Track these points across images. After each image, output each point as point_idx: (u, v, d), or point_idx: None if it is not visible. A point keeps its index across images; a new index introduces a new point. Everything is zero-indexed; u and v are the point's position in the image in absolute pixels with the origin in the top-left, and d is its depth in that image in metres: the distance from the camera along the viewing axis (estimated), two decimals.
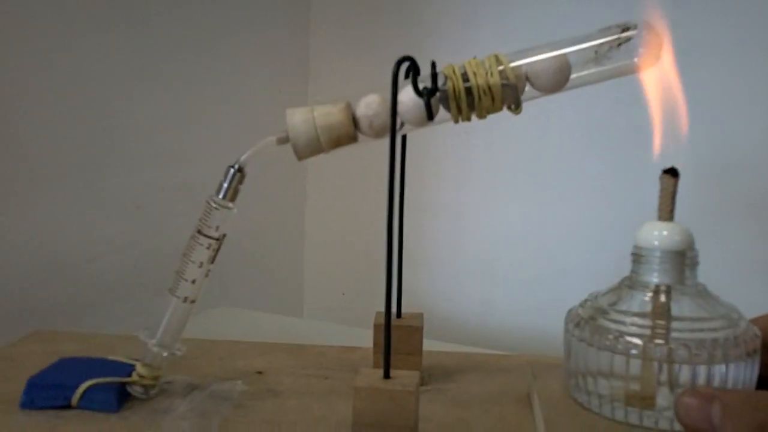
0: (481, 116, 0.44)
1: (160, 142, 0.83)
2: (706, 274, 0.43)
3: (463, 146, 0.97)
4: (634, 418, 0.41)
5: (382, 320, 0.50)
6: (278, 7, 1.02)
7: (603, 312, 0.43)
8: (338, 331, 0.78)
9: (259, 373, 0.54)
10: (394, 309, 0.53)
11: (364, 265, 1.01)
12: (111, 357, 0.51)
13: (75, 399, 0.47)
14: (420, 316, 0.55)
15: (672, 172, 0.42)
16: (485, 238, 0.96)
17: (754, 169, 0.80)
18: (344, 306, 1.03)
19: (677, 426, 0.39)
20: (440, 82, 0.43)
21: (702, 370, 0.39)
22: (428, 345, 0.54)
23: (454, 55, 0.47)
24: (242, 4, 0.95)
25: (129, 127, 0.80)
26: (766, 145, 0.79)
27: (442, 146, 0.97)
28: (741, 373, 0.40)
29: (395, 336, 0.51)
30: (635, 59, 0.43)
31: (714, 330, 0.40)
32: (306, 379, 0.53)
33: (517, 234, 0.93)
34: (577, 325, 0.43)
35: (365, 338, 0.54)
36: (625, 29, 0.43)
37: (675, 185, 0.42)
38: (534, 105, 0.82)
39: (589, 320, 0.43)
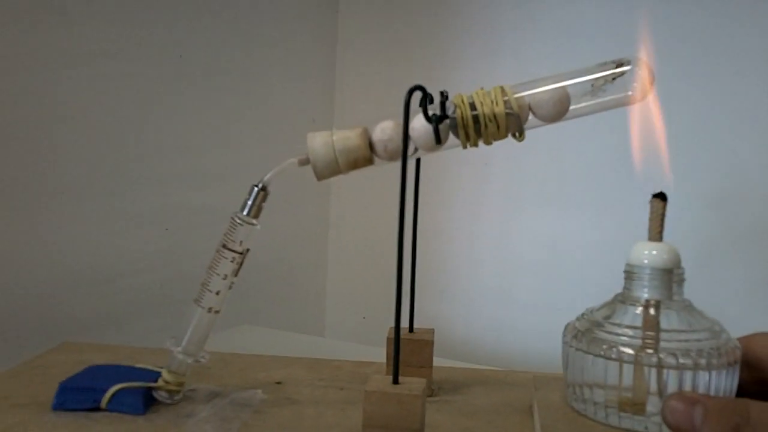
0: (487, 142, 0.48)
1: (188, 164, 0.88)
2: (711, 294, 0.47)
3: (481, 176, 1.00)
4: (626, 423, 0.44)
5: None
6: (306, 33, 1.07)
7: (598, 324, 0.46)
8: (357, 349, 0.81)
9: (279, 383, 0.58)
10: (406, 324, 0.57)
11: (386, 288, 1.03)
12: (138, 365, 0.55)
13: (104, 401, 0.50)
14: (431, 331, 0.58)
15: (661, 197, 0.45)
16: (501, 264, 0.99)
17: (759, 201, 0.83)
18: (365, 329, 1.06)
19: (665, 430, 0.42)
20: (450, 110, 0.47)
21: (688, 377, 0.42)
22: (442, 362, 0.57)
23: (475, 80, 0.50)
24: (271, 31, 1.00)
25: (160, 149, 0.84)
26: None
27: (461, 176, 1.01)
28: (723, 381, 0.43)
29: (407, 349, 0.55)
30: (629, 93, 0.46)
31: (698, 341, 0.43)
32: (322, 389, 0.56)
33: (531, 260, 0.97)
34: (575, 336, 0.46)
35: (383, 356, 0.58)
36: (620, 64, 0.46)
37: (664, 208, 0.45)
38: (548, 137, 0.87)
39: (585, 332, 0.46)
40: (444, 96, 0.46)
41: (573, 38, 0.92)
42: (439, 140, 0.46)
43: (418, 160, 0.54)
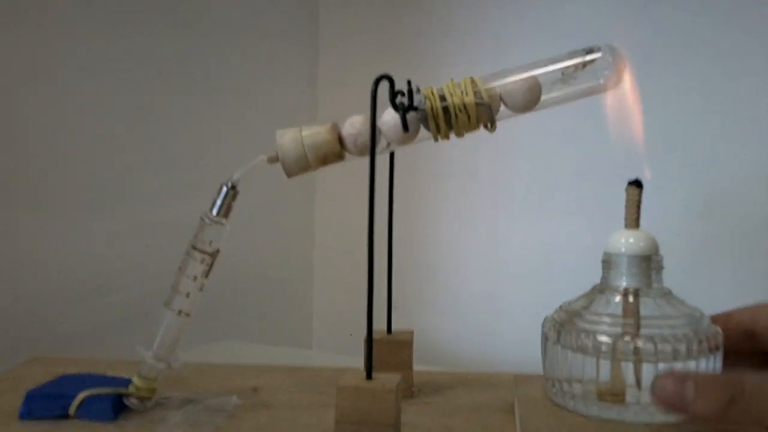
0: (459, 134, 0.47)
1: (169, 179, 0.87)
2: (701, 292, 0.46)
3: (466, 189, 0.99)
4: (606, 413, 0.42)
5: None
6: (287, 42, 1.06)
7: (576, 315, 0.45)
8: (343, 360, 0.80)
9: (255, 390, 0.56)
10: (384, 326, 0.56)
11: (374, 303, 1.03)
12: (110, 373, 0.54)
13: (72, 409, 0.49)
14: (410, 333, 0.57)
15: (636, 184, 0.45)
16: (488, 271, 0.98)
17: (748, 197, 0.82)
18: (352, 345, 1.05)
19: (644, 418, 0.41)
20: (420, 101, 0.46)
21: (666, 363, 0.41)
22: (426, 368, 0.56)
23: (455, 77, 0.50)
24: (251, 42, 0.99)
25: (140, 165, 0.83)
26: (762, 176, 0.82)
27: (448, 189, 1.00)
28: (703, 369, 0.42)
29: (385, 350, 0.54)
30: (600, 80, 0.46)
31: (678, 327, 0.42)
32: (299, 395, 0.55)
33: (518, 266, 0.96)
34: (552, 328, 0.45)
35: None
36: (590, 52, 0.45)
37: (639, 195, 0.45)
38: (533, 143, 0.86)
39: (563, 324, 0.45)
40: (410, 85, 0.45)
41: (554, 36, 0.92)
42: (407, 128, 0.45)
43: (392, 158, 0.53)
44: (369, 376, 0.43)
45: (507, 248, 0.97)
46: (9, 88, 0.70)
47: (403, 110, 0.45)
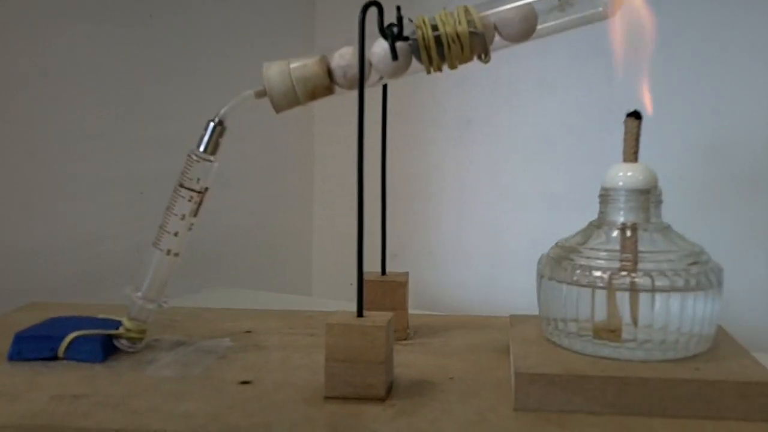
0: (452, 66, 0.45)
1: (165, 130, 0.85)
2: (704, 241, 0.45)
3: (465, 137, 0.98)
4: (601, 351, 0.42)
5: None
6: (284, 29, 1.05)
7: (573, 251, 0.44)
8: (341, 306, 0.79)
9: (248, 332, 0.56)
10: (378, 268, 0.55)
11: (374, 253, 1.02)
12: (100, 315, 0.53)
13: (61, 350, 0.48)
14: (405, 274, 0.56)
15: (635, 115, 0.43)
16: (488, 223, 0.97)
17: (752, 147, 0.81)
18: (352, 293, 1.05)
19: (641, 355, 0.40)
20: (411, 31, 0.44)
21: (663, 299, 0.40)
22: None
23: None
24: (250, 29, 0.97)
25: (135, 114, 0.82)
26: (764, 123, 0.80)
27: (446, 139, 0.99)
28: (701, 306, 0.41)
29: (379, 291, 0.53)
30: (599, 8, 0.44)
31: (677, 262, 0.41)
32: (291, 336, 0.55)
33: (518, 213, 0.95)
34: (547, 264, 0.44)
35: None
36: None
37: (638, 127, 0.43)
38: (534, 123, 0.84)
39: (560, 260, 0.44)
40: (399, 12, 0.44)
41: None
42: (396, 56, 0.43)
43: (384, 90, 0.52)
44: (360, 314, 0.43)
45: (507, 196, 0.95)
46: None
47: (392, 38, 0.43)
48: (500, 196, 0.96)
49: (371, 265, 0.52)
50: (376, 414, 0.39)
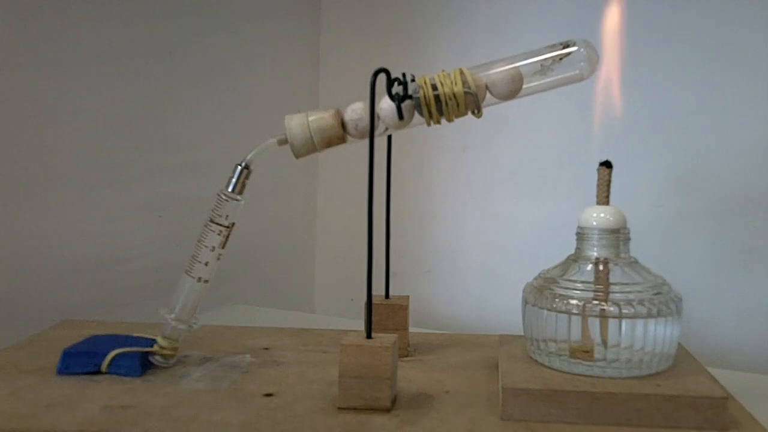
0: (449, 119, 0.52)
1: (182, 156, 0.92)
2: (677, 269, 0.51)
3: (461, 162, 1.05)
4: (576, 369, 0.48)
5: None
6: (291, 30, 1.11)
7: (553, 282, 0.51)
8: (344, 323, 0.86)
9: (266, 349, 0.62)
10: (382, 291, 0.61)
11: (374, 270, 1.09)
12: (135, 334, 0.59)
13: (104, 365, 0.55)
14: (406, 298, 0.63)
15: (607, 164, 0.50)
16: (483, 243, 1.04)
17: (723, 175, 0.88)
18: (353, 309, 1.11)
19: (610, 373, 0.47)
20: (414, 90, 0.51)
21: (629, 325, 0.47)
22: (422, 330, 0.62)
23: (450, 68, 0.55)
24: (258, 30, 1.04)
25: (155, 142, 0.89)
26: (735, 152, 0.87)
27: (443, 163, 1.06)
28: (662, 330, 0.47)
29: (383, 314, 0.60)
30: (576, 71, 0.51)
31: (641, 292, 0.48)
32: (306, 353, 0.61)
33: (511, 239, 1.01)
34: (531, 293, 0.51)
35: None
36: (566, 46, 0.51)
37: (609, 175, 0.50)
38: (523, 126, 0.90)
39: (542, 289, 0.51)
40: (405, 77, 0.50)
41: (542, 30, 0.97)
42: (401, 117, 0.50)
43: (389, 139, 0.59)
44: (369, 335, 0.49)
45: (499, 219, 1.02)
46: (29, 74, 0.75)
47: (398, 100, 0.50)
48: (493, 219, 1.03)
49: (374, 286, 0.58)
50: (382, 423, 0.46)
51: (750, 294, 0.85)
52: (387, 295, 0.62)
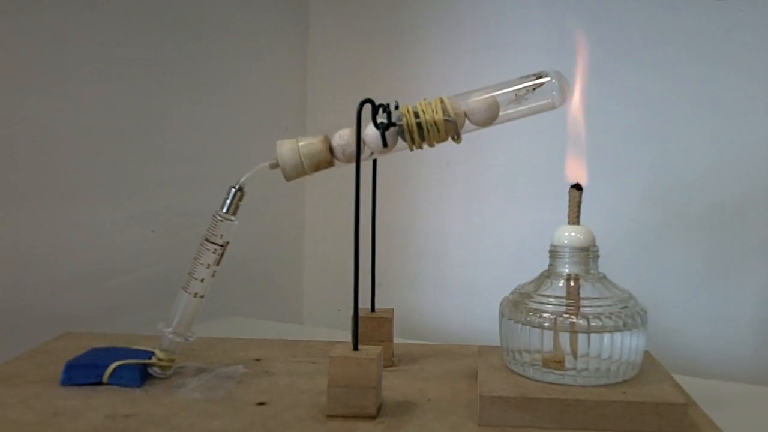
0: (430, 145, 0.56)
1: (174, 172, 0.95)
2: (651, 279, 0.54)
3: (444, 177, 1.09)
4: (548, 377, 0.52)
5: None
6: (279, 49, 1.15)
7: (527, 296, 0.54)
8: (331, 333, 0.89)
9: (258, 360, 0.65)
10: (368, 305, 0.65)
11: (360, 282, 1.12)
12: (134, 347, 0.63)
13: (106, 376, 0.58)
14: (391, 311, 0.66)
15: (577, 187, 0.54)
16: (465, 255, 1.07)
17: (695, 189, 0.92)
18: (340, 319, 1.14)
19: (580, 381, 0.50)
20: (397, 117, 0.55)
21: (597, 336, 0.51)
22: (405, 341, 0.65)
23: (435, 89, 0.58)
24: (246, 48, 1.08)
25: (147, 159, 0.92)
26: (704, 169, 0.91)
27: (427, 178, 1.09)
28: (628, 341, 0.51)
29: (369, 326, 0.63)
30: (549, 100, 0.55)
31: (610, 306, 0.52)
32: (296, 364, 0.65)
33: (493, 251, 1.05)
34: (507, 307, 0.55)
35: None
36: (539, 77, 0.54)
37: (580, 197, 0.54)
38: (505, 139, 0.94)
39: (517, 303, 0.54)
40: (388, 107, 0.54)
41: (524, 52, 1.01)
42: (386, 144, 0.54)
43: (374, 162, 0.62)
44: (355, 347, 0.53)
45: (481, 232, 1.06)
46: (29, 91, 0.78)
47: (383, 129, 0.53)
48: (475, 232, 1.07)
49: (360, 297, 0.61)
50: (369, 429, 0.50)
51: (719, 304, 0.89)
52: (373, 308, 0.66)
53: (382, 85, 1.11)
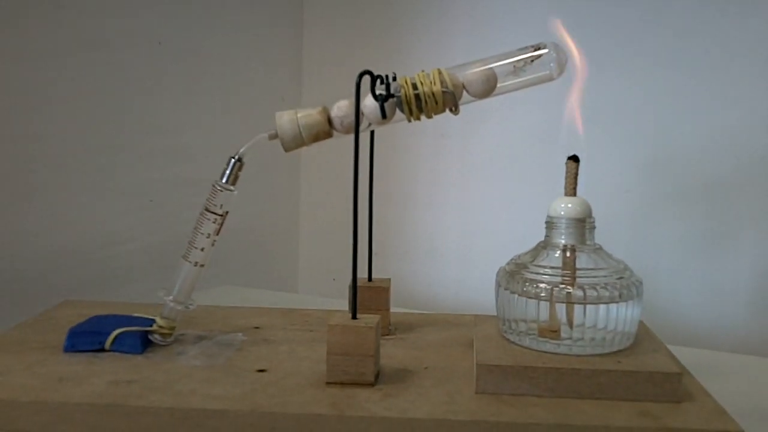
0: (428, 116, 0.56)
1: (171, 142, 0.96)
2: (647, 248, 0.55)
3: (439, 149, 1.09)
4: (544, 347, 0.53)
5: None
6: (274, 19, 1.15)
7: (524, 267, 0.55)
8: (327, 302, 0.90)
9: (257, 328, 0.66)
10: (365, 275, 0.66)
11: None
12: (135, 314, 0.63)
13: (108, 343, 0.59)
14: (388, 280, 0.67)
15: (574, 158, 0.55)
16: (459, 226, 1.08)
17: (686, 163, 0.92)
18: (335, 289, 1.16)
19: (575, 351, 0.51)
20: (396, 89, 0.55)
21: (593, 307, 0.52)
22: (402, 310, 0.66)
23: (429, 60, 0.58)
24: (243, 19, 1.08)
25: (144, 129, 0.92)
26: (697, 142, 0.92)
27: (422, 149, 1.10)
28: (623, 312, 0.52)
29: (366, 295, 0.64)
30: (546, 72, 0.55)
31: (605, 277, 0.53)
32: (294, 332, 0.65)
33: (487, 223, 1.06)
34: (503, 277, 0.55)
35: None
36: (537, 48, 0.55)
37: (576, 168, 0.54)
38: (499, 113, 0.95)
39: (513, 273, 0.55)
40: (387, 78, 0.54)
41: (522, 22, 1.01)
42: (384, 116, 0.54)
43: (372, 133, 0.63)
44: (354, 316, 0.53)
45: (475, 202, 1.07)
46: (21, 63, 0.78)
47: (381, 100, 0.54)
48: (470, 203, 1.07)
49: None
50: (367, 396, 0.50)
51: (712, 275, 0.90)
52: (370, 278, 0.66)
53: (377, 56, 1.12)
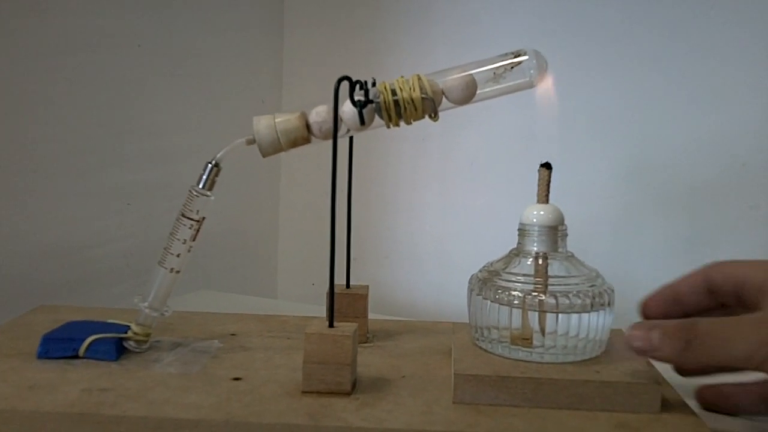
0: (408, 122, 0.56)
1: (149, 145, 0.95)
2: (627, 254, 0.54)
3: (419, 153, 1.09)
4: (517, 354, 0.53)
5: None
6: (254, 21, 1.14)
7: (496, 274, 0.55)
8: (305, 308, 0.90)
9: (233, 335, 0.66)
10: (343, 281, 0.65)
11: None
12: (110, 320, 0.63)
13: (82, 350, 0.58)
14: (366, 287, 0.66)
15: (546, 166, 0.55)
16: (439, 231, 1.08)
17: (669, 169, 0.93)
18: (313, 294, 1.15)
19: (547, 358, 0.51)
20: (375, 95, 0.55)
21: (565, 316, 0.52)
22: (380, 317, 0.65)
23: (409, 65, 0.58)
24: (222, 21, 1.07)
25: (122, 131, 0.92)
26: (680, 148, 0.92)
27: (402, 153, 1.10)
28: (595, 320, 0.52)
29: (344, 302, 0.64)
30: (527, 78, 0.55)
31: (577, 284, 0.53)
32: (271, 339, 0.65)
33: (466, 228, 1.06)
34: (476, 284, 0.55)
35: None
36: (517, 55, 0.55)
37: (549, 176, 0.55)
38: (479, 118, 0.94)
39: (486, 281, 0.55)
40: (366, 84, 0.54)
41: (500, 28, 1.01)
42: (363, 122, 0.54)
43: (351, 138, 0.62)
44: (331, 324, 0.53)
45: (455, 207, 1.06)
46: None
47: (360, 107, 0.54)
48: (449, 207, 1.07)
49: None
50: (344, 405, 0.50)
51: None
52: (348, 284, 0.66)
53: (358, 59, 1.11)
